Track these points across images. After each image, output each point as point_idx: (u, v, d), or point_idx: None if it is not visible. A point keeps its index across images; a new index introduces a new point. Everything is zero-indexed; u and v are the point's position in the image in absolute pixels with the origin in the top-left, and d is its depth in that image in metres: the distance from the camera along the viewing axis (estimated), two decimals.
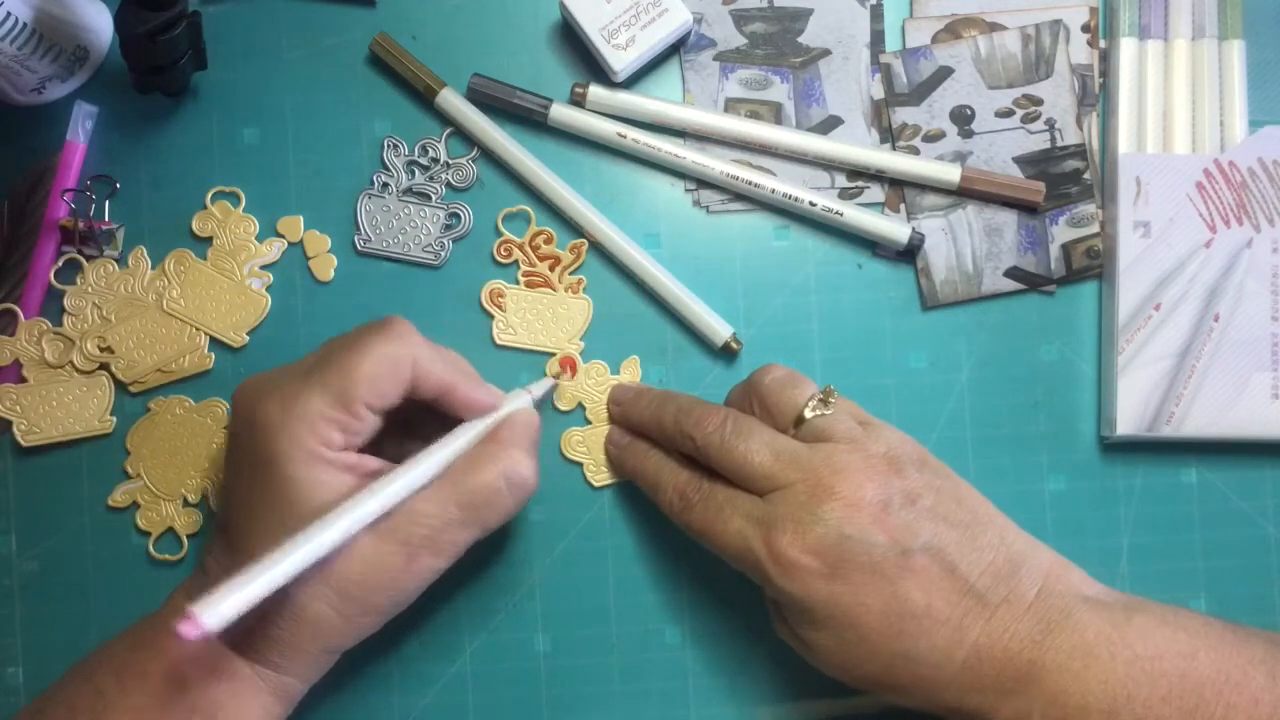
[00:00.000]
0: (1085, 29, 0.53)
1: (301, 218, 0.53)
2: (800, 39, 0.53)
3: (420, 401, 0.45)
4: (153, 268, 0.52)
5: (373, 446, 0.45)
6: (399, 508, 0.43)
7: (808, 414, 0.45)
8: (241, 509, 0.44)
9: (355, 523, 0.42)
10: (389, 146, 0.53)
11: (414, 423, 0.46)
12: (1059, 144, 0.53)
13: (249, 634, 0.43)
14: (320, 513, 0.42)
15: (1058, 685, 0.41)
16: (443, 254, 0.53)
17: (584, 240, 0.53)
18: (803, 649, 0.45)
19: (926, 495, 0.44)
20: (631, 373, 0.52)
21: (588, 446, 0.52)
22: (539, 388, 0.50)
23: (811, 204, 0.52)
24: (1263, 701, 0.40)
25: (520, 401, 0.48)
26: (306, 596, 0.42)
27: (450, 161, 0.53)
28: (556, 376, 0.52)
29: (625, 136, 0.52)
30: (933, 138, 0.53)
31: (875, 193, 0.53)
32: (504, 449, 0.45)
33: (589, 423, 0.52)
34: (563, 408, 0.52)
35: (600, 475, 0.52)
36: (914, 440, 0.46)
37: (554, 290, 0.53)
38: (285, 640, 0.43)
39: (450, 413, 0.46)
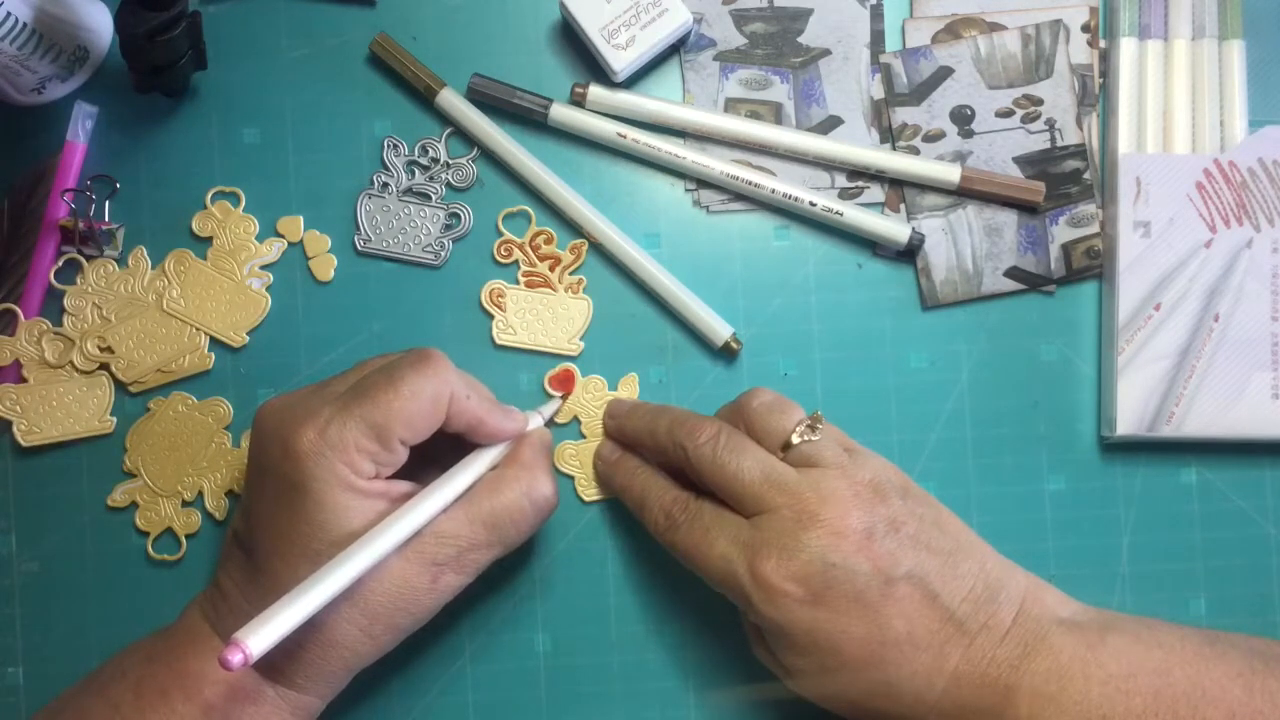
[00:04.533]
0: (1085, 29, 0.53)
1: (301, 218, 0.53)
2: (800, 39, 0.53)
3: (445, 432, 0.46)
4: (153, 268, 0.52)
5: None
6: (425, 529, 0.44)
7: (795, 439, 0.45)
8: (268, 531, 0.44)
9: (387, 546, 0.42)
10: (389, 146, 0.53)
11: (425, 443, 0.47)
12: (1059, 144, 0.53)
13: (274, 657, 0.43)
14: (349, 538, 0.42)
15: (1034, 709, 0.41)
16: (443, 254, 0.53)
17: (584, 240, 0.53)
18: (783, 674, 0.46)
19: (910, 523, 0.44)
20: (629, 389, 0.52)
21: (580, 460, 0.52)
22: (547, 409, 0.51)
23: (811, 204, 0.52)
24: (1239, 715, 0.41)
25: (534, 423, 0.49)
26: (335, 619, 0.43)
27: (450, 161, 0.53)
28: (562, 397, 0.52)
29: (625, 136, 0.52)
30: (933, 138, 0.53)
31: (875, 193, 0.53)
32: (526, 470, 0.46)
33: (583, 437, 0.52)
34: (558, 420, 0.52)
35: (590, 490, 0.52)
36: (897, 467, 0.46)
37: (554, 290, 0.53)
38: (312, 662, 0.43)
39: (474, 441, 0.47)
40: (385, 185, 0.53)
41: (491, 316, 0.53)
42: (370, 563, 0.42)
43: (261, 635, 0.38)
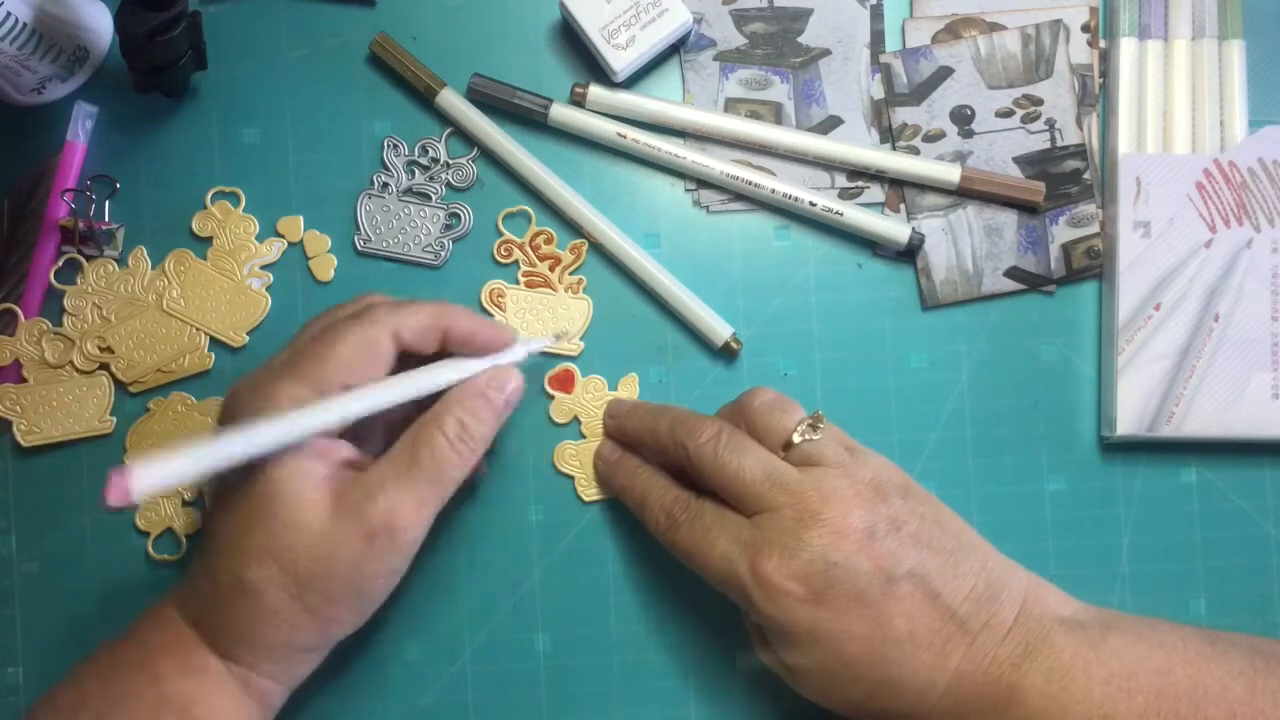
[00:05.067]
0: (1085, 29, 0.53)
1: (301, 218, 0.53)
2: (800, 39, 0.53)
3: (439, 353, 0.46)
4: (153, 268, 0.52)
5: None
6: (355, 484, 0.43)
7: (796, 439, 0.45)
8: (218, 504, 0.44)
9: (306, 423, 0.42)
10: (389, 146, 0.53)
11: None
12: (1059, 144, 0.53)
13: (217, 630, 0.43)
14: (290, 501, 0.42)
15: (1036, 708, 0.42)
16: (443, 254, 0.53)
17: (584, 240, 0.53)
18: (785, 674, 0.46)
19: (911, 522, 0.44)
20: (629, 389, 0.52)
21: (580, 461, 0.52)
22: (536, 343, 0.49)
23: (811, 204, 0.52)
24: (1240, 714, 0.41)
25: (507, 357, 0.47)
26: (261, 583, 0.42)
27: (450, 161, 0.53)
28: (558, 336, 0.51)
29: (625, 136, 0.52)
30: (933, 138, 0.53)
31: (875, 193, 0.53)
32: (447, 408, 0.44)
33: (583, 437, 0.52)
34: (559, 421, 0.52)
35: (590, 490, 0.52)
36: (898, 467, 0.46)
37: (554, 290, 0.53)
38: (250, 635, 0.43)
39: (468, 352, 0.46)
40: (385, 185, 0.53)
41: (492, 316, 0.53)
42: (284, 431, 0.41)
43: (143, 471, 0.36)
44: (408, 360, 0.45)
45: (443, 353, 0.46)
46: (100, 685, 0.43)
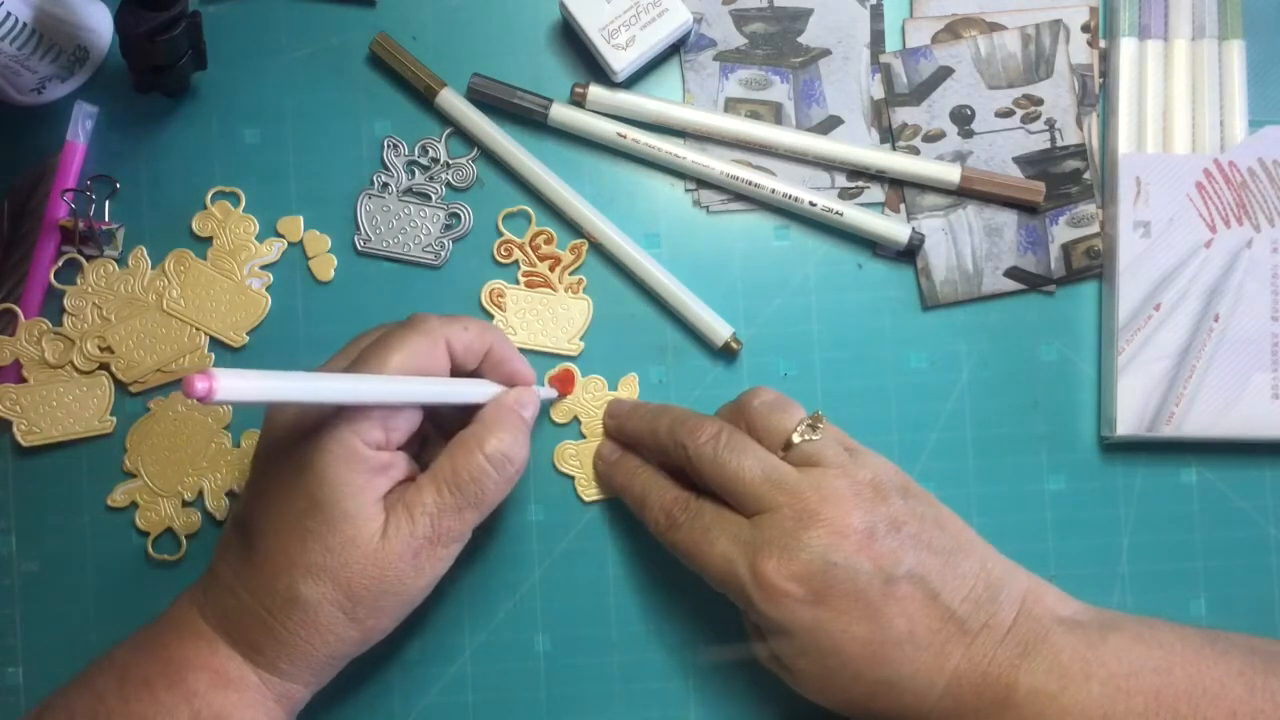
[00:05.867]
0: (1085, 29, 0.53)
1: (301, 218, 0.53)
2: (800, 39, 0.53)
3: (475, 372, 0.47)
4: (153, 268, 0.52)
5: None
6: (404, 503, 0.43)
7: (796, 439, 0.45)
8: (265, 506, 0.44)
9: (379, 386, 0.42)
10: (389, 146, 0.53)
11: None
12: (1059, 144, 0.53)
13: (259, 642, 0.43)
14: (350, 516, 0.42)
15: (1035, 708, 0.42)
16: (443, 254, 0.53)
17: (584, 240, 0.53)
18: (785, 674, 0.46)
19: (910, 522, 0.44)
20: (629, 389, 0.52)
21: (580, 460, 0.52)
22: (544, 391, 0.51)
23: (811, 204, 0.52)
24: (1240, 714, 0.41)
25: (539, 392, 0.49)
26: (316, 599, 0.42)
27: (450, 161, 0.53)
28: (555, 395, 0.52)
29: (625, 136, 0.52)
30: (933, 138, 0.53)
31: (875, 193, 0.53)
32: (486, 429, 0.45)
33: (583, 437, 0.52)
34: (559, 421, 0.52)
35: (590, 490, 0.52)
36: (897, 467, 0.46)
37: (554, 290, 0.53)
38: (296, 646, 0.43)
39: (495, 378, 0.48)
40: (385, 185, 0.53)
41: (491, 316, 0.53)
42: (361, 389, 0.42)
43: (235, 380, 0.36)
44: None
45: (477, 374, 0.48)
46: (120, 693, 0.43)
